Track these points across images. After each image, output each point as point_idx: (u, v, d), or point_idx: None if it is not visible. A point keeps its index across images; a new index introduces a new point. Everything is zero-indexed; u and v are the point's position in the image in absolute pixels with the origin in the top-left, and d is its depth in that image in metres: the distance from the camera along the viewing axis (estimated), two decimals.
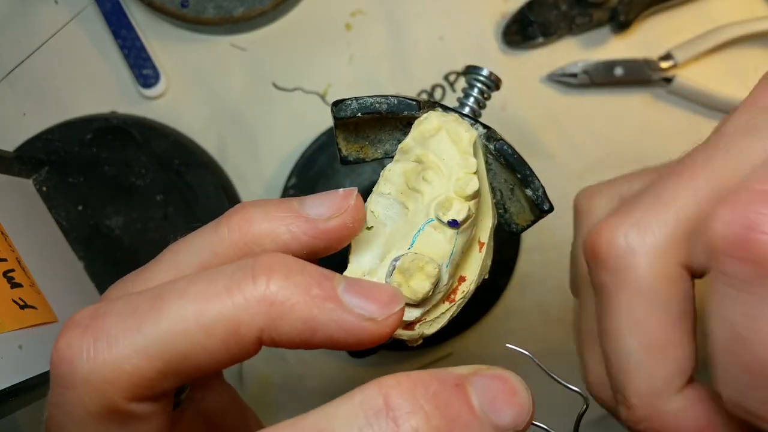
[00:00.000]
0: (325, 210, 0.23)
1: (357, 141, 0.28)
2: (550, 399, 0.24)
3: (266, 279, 0.20)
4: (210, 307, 0.19)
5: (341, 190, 0.24)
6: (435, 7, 0.55)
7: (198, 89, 0.55)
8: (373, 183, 0.27)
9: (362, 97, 0.26)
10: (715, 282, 0.19)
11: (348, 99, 0.26)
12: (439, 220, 0.25)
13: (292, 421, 0.18)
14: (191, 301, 0.20)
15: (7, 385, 0.35)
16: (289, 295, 0.20)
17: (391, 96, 0.26)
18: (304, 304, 0.20)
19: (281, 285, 0.20)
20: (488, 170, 0.27)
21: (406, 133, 0.27)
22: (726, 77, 0.54)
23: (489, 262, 0.28)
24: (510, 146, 0.26)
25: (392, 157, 0.27)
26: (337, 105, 0.26)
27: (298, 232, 0.22)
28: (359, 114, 0.26)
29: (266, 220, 0.23)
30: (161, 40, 0.55)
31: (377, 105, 0.26)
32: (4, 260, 0.40)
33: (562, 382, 0.21)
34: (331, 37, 0.55)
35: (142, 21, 0.55)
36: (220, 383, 0.30)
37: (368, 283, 0.22)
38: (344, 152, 0.29)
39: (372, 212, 0.26)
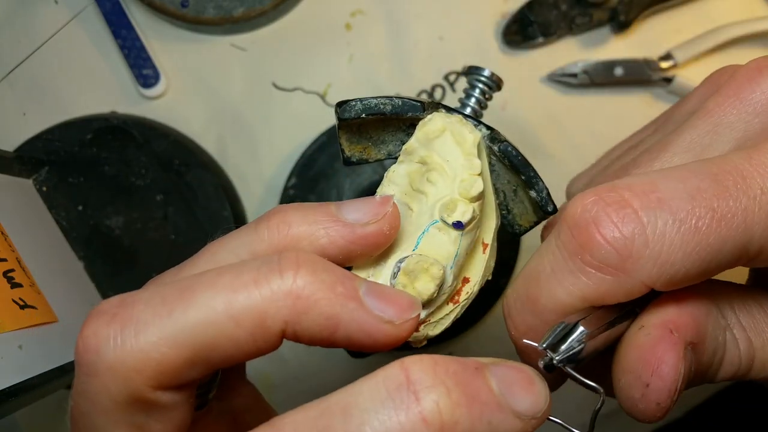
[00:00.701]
0: (363, 215, 0.23)
1: (360, 142, 0.28)
2: (564, 395, 0.24)
3: (293, 273, 0.20)
4: (238, 298, 0.20)
5: (378, 196, 0.24)
6: (435, 7, 0.55)
7: (198, 89, 0.55)
8: (374, 183, 0.27)
9: (366, 98, 0.26)
10: (549, 237, 0.23)
11: (352, 100, 0.26)
12: (444, 222, 0.25)
13: (318, 402, 0.19)
14: (220, 291, 0.20)
15: (7, 385, 0.35)
16: (314, 291, 0.20)
17: (396, 97, 0.26)
18: (328, 300, 0.20)
19: (308, 280, 0.20)
20: (492, 171, 0.27)
21: (409, 135, 0.27)
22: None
23: (492, 264, 0.28)
24: (514, 148, 0.26)
25: (395, 158, 0.27)
26: (341, 106, 0.26)
27: (336, 236, 0.23)
28: (363, 115, 0.26)
29: (305, 223, 0.23)
30: (161, 40, 0.55)
31: (381, 106, 0.26)
32: (4, 260, 0.40)
33: (584, 380, 0.22)
34: (331, 37, 0.55)
35: (142, 21, 0.55)
36: (245, 384, 0.30)
37: (388, 288, 0.22)
38: (347, 153, 0.28)
39: None
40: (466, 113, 0.27)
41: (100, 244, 0.51)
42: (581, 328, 0.21)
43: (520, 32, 0.54)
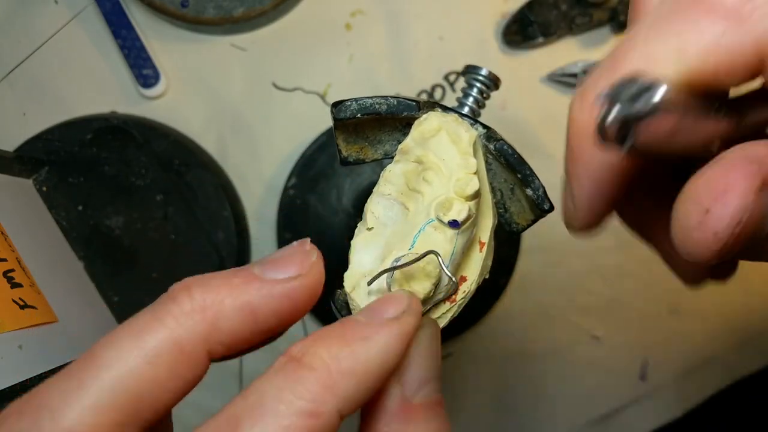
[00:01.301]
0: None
1: (357, 142, 0.28)
2: (563, 395, 0.24)
3: (187, 294, 0.19)
4: (147, 339, 0.18)
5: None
6: (435, 7, 0.55)
7: (198, 89, 0.55)
8: (373, 183, 0.27)
9: (362, 98, 0.26)
10: None
11: (348, 100, 0.26)
12: (440, 221, 0.25)
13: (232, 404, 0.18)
14: (126, 342, 0.19)
15: (7, 385, 0.35)
16: (214, 296, 0.19)
17: (391, 97, 0.26)
18: (232, 296, 0.19)
19: (203, 292, 0.19)
20: (488, 170, 0.27)
21: (405, 134, 0.27)
22: None
23: (489, 262, 0.28)
24: (510, 146, 0.26)
25: (392, 158, 0.27)
26: (336, 106, 0.26)
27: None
28: (359, 115, 0.26)
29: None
30: (161, 40, 0.55)
31: (377, 106, 0.26)
32: (4, 260, 0.40)
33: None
34: (331, 37, 0.55)
35: (142, 21, 0.55)
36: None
37: (278, 253, 0.21)
38: (344, 153, 0.29)
39: (372, 213, 0.26)
40: (462, 112, 0.27)
41: (100, 244, 0.51)
42: (664, 86, 0.15)
43: (520, 32, 0.54)
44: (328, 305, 0.27)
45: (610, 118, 0.15)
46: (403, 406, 0.20)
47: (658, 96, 0.15)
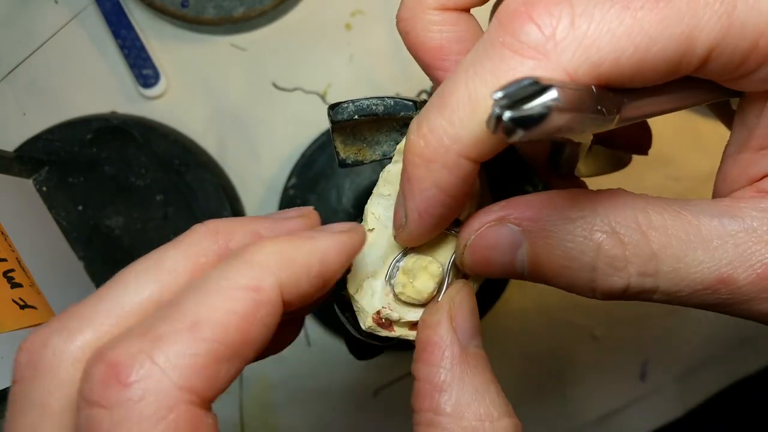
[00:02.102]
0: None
1: (355, 143, 0.28)
2: (556, 400, 0.24)
3: (202, 224, 0.22)
4: (166, 256, 0.21)
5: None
6: None
7: (198, 89, 0.55)
8: (373, 183, 0.27)
9: (358, 100, 0.26)
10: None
11: (344, 102, 0.26)
12: None
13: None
14: (149, 261, 0.21)
15: (7, 385, 0.35)
16: (225, 225, 0.22)
17: (387, 97, 0.26)
18: (241, 226, 0.22)
19: (215, 221, 0.22)
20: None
21: (403, 134, 0.27)
22: None
23: None
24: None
25: (391, 158, 0.27)
26: (333, 108, 0.26)
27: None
28: (356, 117, 0.26)
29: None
30: (161, 40, 0.55)
31: (374, 107, 0.26)
32: (4, 260, 0.40)
33: None
34: (331, 37, 0.55)
35: (142, 21, 0.55)
36: None
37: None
38: (342, 155, 0.29)
39: (373, 214, 0.26)
40: None
41: (100, 244, 0.51)
42: (554, 93, 0.16)
43: None
44: (332, 308, 0.27)
45: (505, 117, 0.16)
46: (462, 351, 0.22)
47: (549, 98, 0.16)
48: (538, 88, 0.16)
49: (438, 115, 0.20)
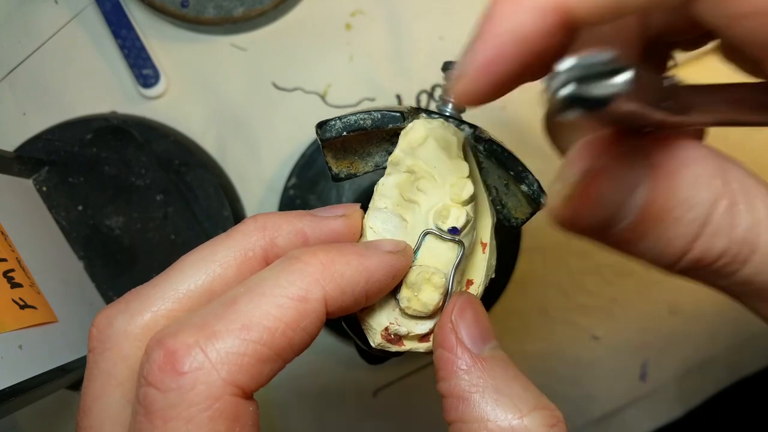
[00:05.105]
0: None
1: (346, 157, 0.28)
2: (556, 400, 0.24)
3: (252, 219, 0.24)
4: (219, 248, 0.24)
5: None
6: (435, 7, 0.55)
7: (198, 89, 0.55)
8: (374, 183, 0.27)
9: (346, 116, 0.26)
10: None
11: (332, 119, 0.26)
12: (439, 229, 0.25)
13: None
14: (204, 251, 0.24)
15: (7, 385, 0.35)
16: (273, 221, 0.24)
17: (374, 110, 0.26)
18: (287, 222, 0.24)
19: (264, 217, 0.24)
20: (481, 169, 0.27)
21: (394, 143, 0.26)
22: (726, 77, 0.54)
23: (494, 262, 0.27)
24: (499, 144, 0.26)
25: (384, 169, 0.27)
26: (321, 126, 0.26)
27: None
28: (344, 133, 0.26)
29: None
30: (161, 40, 0.55)
31: (361, 122, 0.26)
32: (4, 260, 0.40)
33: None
34: (331, 37, 0.55)
35: (142, 21, 0.55)
36: None
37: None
38: (335, 170, 0.28)
39: (371, 228, 0.26)
40: (447, 114, 0.27)
41: (100, 244, 0.51)
42: (631, 72, 0.14)
43: None
44: (340, 323, 0.27)
45: (566, 93, 0.14)
46: (474, 359, 0.23)
47: (621, 81, 0.14)
48: (613, 67, 0.14)
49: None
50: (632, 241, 0.20)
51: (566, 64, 0.14)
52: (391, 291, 0.25)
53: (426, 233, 0.25)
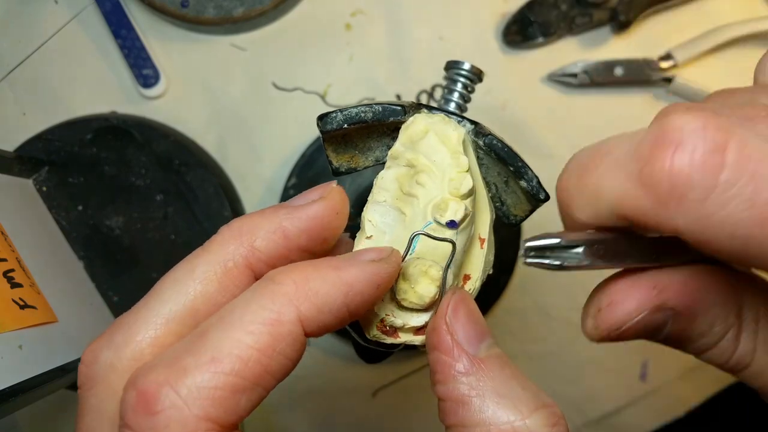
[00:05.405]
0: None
1: (347, 151, 0.28)
2: (556, 400, 0.24)
3: (226, 226, 0.23)
4: (197, 263, 0.23)
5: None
6: (435, 7, 0.55)
7: (198, 89, 0.55)
8: (373, 183, 0.27)
9: (347, 108, 0.26)
10: (638, 132, 0.23)
11: (333, 111, 0.26)
12: (438, 222, 0.25)
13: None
14: (180, 271, 0.23)
15: (7, 385, 0.35)
16: (249, 223, 0.23)
17: (375, 103, 0.26)
18: (264, 221, 0.23)
19: (239, 222, 0.23)
20: (480, 165, 0.27)
21: (394, 138, 0.27)
22: (726, 77, 0.54)
23: (492, 258, 0.28)
24: (499, 140, 0.26)
25: (383, 164, 0.27)
26: (322, 119, 0.26)
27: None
28: (345, 125, 0.26)
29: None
30: (161, 40, 0.55)
31: (362, 114, 0.26)
32: (4, 260, 0.40)
33: None
34: (331, 37, 0.55)
35: (142, 21, 0.55)
36: None
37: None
38: (335, 164, 0.28)
39: (369, 221, 0.26)
40: (449, 110, 0.27)
41: (100, 244, 0.51)
42: (581, 248, 0.21)
43: (520, 32, 0.54)
44: None
45: (528, 261, 0.22)
46: (471, 360, 0.22)
47: (575, 255, 0.22)
48: (567, 245, 0.22)
49: (571, 180, 0.23)
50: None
51: (530, 243, 0.22)
52: None
53: (415, 235, 0.25)
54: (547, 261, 0.22)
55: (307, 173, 0.53)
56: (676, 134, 0.19)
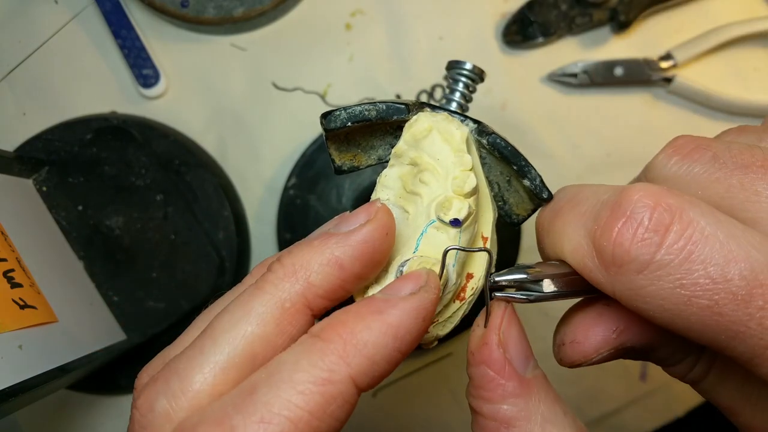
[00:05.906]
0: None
1: (349, 150, 0.28)
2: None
3: (278, 263, 0.23)
4: (253, 305, 0.22)
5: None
6: (435, 7, 0.55)
7: (198, 89, 0.55)
8: (374, 182, 0.27)
9: (350, 106, 0.26)
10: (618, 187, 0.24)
11: (336, 109, 0.26)
12: (441, 221, 0.25)
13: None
14: (236, 312, 0.22)
15: (7, 385, 0.35)
16: (300, 259, 0.22)
17: (379, 102, 0.26)
18: (316, 255, 0.22)
19: (290, 258, 0.23)
20: (483, 164, 0.27)
21: (397, 137, 0.27)
22: (726, 77, 0.54)
23: (495, 256, 0.28)
24: (503, 139, 0.26)
25: (386, 162, 0.27)
26: (326, 117, 0.26)
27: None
28: (349, 123, 0.26)
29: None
30: (161, 40, 0.55)
31: (366, 112, 0.26)
32: (4, 260, 0.40)
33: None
34: (331, 37, 0.55)
35: (142, 21, 0.55)
36: None
37: (347, 212, 0.24)
38: (338, 162, 0.28)
39: None
40: (451, 109, 0.27)
41: (100, 244, 0.51)
42: (546, 281, 0.23)
43: (520, 32, 0.54)
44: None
45: (492, 295, 0.24)
46: (521, 382, 0.22)
47: (540, 289, 0.24)
48: (533, 279, 0.23)
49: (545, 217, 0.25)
50: None
51: (498, 278, 0.24)
52: (387, 270, 0.25)
53: (448, 250, 0.24)
54: (517, 296, 0.23)
55: (307, 173, 0.53)
56: (629, 207, 0.20)
